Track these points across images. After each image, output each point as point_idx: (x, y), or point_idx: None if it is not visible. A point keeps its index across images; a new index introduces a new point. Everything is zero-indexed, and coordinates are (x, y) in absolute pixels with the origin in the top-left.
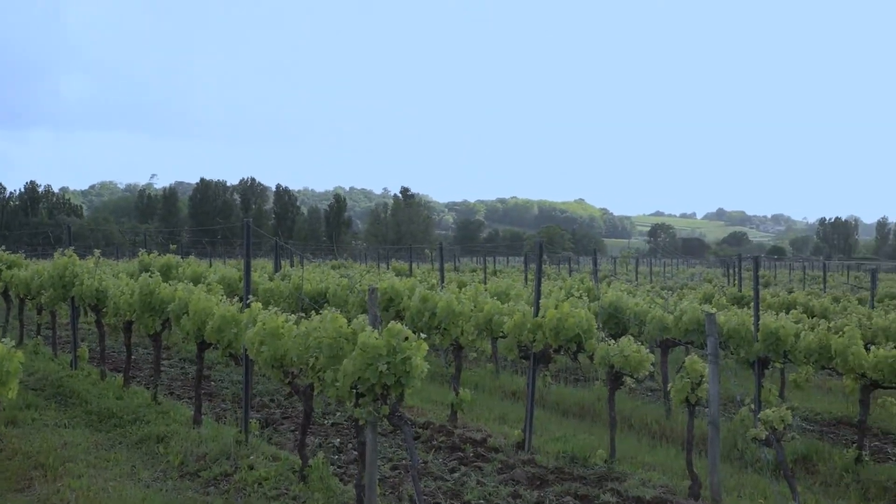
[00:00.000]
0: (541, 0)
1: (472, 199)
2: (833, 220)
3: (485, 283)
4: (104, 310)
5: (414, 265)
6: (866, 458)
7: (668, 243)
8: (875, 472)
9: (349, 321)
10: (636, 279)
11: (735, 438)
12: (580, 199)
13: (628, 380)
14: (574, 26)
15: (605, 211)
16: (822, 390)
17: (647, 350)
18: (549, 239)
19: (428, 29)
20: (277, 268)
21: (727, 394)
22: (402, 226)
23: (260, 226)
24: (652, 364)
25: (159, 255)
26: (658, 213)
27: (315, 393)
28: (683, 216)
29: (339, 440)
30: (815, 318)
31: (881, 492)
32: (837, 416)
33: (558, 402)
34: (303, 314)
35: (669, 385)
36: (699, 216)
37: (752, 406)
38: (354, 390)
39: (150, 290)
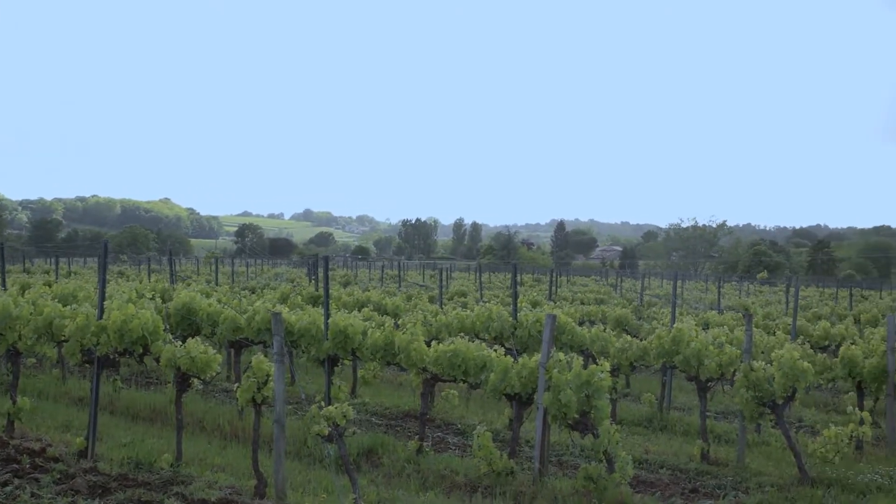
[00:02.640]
0: None
1: (48, 197)
2: (414, 221)
3: (56, 285)
4: None
5: None
6: (428, 449)
7: (256, 243)
8: (435, 462)
9: None
10: (216, 280)
11: (305, 436)
12: (166, 198)
13: (196, 381)
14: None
15: (191, 211)
16: (393, 385)
17: (216, 351)
18: (132, 239)
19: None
20: None
21: (303, 392)
22: None
23: None
24: (220, 365)
25: None
26: (246, 214)
27: None
28: (272, 216)
29: None
30: (386, 316)
31: (439, 479)
32: (405, 410)
33: (129, 407)
34: None
35: (236, 385)
36: (287, 216)
37: (323, 403)
38: None
39: None
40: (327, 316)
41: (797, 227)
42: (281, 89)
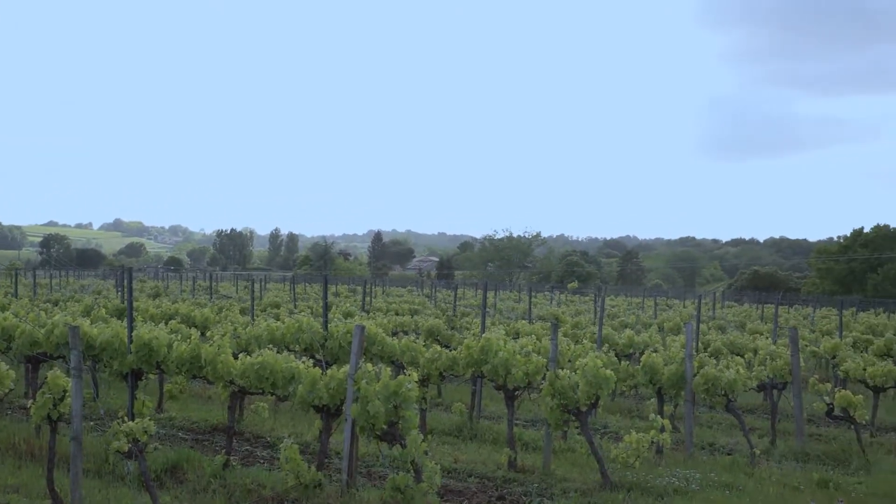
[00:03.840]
0: None
1: None
2: (229, 231)
3: None
4: None
5: None
6: (235, 463)
7: (63, 254)
8: (242, 476)
9: None
10: (16, 292)
11: (106, 453)
12: None
13: None
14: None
15: None
16: (202, 399)
17: (10, 366)
18: None
19: None
20: None
21: (105, 407)
22: None
23: None
24: (14, 381)
25: None
26: (52, 223)
27: None
28: (79, 226)
29: None
30: (194, 329)
31: (246, 494)
32: (213, 424)
33: None
34: None
35: (30, 402)
36: (96, 226)
37: (126, 419)
38: None
39: None
40: (131, 329)
41: (608, 237)
42: (87, 92)
